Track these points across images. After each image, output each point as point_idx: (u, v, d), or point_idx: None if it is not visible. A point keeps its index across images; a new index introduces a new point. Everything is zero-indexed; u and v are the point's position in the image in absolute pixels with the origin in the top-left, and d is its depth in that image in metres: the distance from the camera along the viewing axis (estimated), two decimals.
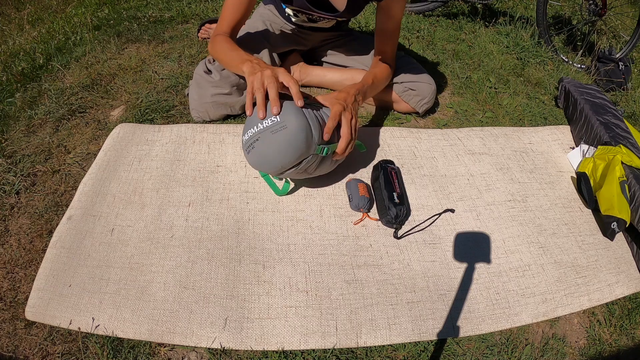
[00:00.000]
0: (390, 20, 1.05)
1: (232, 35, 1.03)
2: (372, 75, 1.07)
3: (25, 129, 1.15)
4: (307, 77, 1.28)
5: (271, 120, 0.81)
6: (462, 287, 0.86)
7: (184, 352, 0.74)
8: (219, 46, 0.98)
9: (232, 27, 1.02)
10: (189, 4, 1.86)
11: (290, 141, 0.80)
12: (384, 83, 1.13)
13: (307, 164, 0.86)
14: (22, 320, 0.77)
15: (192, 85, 1.11)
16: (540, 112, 1.36)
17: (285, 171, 0.86)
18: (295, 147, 0.81)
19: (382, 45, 1.10)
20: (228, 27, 1.02)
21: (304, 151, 0.82)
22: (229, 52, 0.95)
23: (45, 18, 1.98)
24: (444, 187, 1.04)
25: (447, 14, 2.04)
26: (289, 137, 0.80)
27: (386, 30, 1.07)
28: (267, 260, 0.85)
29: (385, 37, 1.09)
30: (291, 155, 0.82)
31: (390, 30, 1.07)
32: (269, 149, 0.81)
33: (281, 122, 0.80)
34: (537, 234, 0.98)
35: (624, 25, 2.34)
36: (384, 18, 1.05)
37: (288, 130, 0.79)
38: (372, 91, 1.07)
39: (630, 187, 0.98)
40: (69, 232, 0.88)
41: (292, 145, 0.80)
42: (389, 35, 1.09)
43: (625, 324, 0.87)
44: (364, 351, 0.76)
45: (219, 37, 0.99)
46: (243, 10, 1.01)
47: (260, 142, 0.82)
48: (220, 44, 0.98)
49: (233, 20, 1.02)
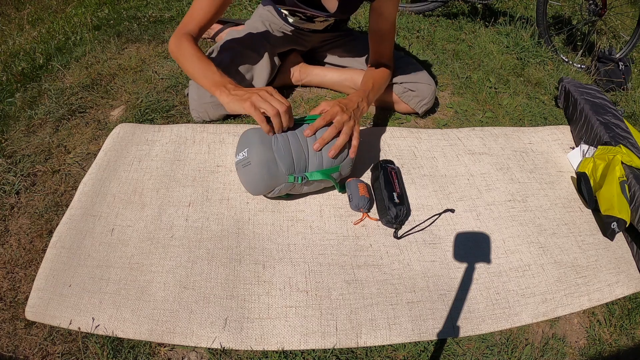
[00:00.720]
0: (384, 21, 1.04)
1: (198, 37, 0.95)
2: (372, 80, 1.06)
3: (25, 129, 1.14)
4: (307, 77, 1.28)
5: (242, 154, 0.86)
6: (462, 287, 0.86)
7: (184, 352, 0.74)
8: (184, 51, 0.90)
9: (200, 28, 0.94)
10: (189, 4, 1.86)
11: (255, 175, 0.85)
12: (384, 85, 1.12)
13: (286, 188, 0.89)
14: (22, 320, 0.77)
15: (191, 86, 1.11)
16: (540, 112, 1.36)
17: (270, 194, 0.91)
18: (260, 180, 0.86)
19: (378, 46, 1.09)
20: (196, 26, 0.93)
21: (272, 182, 0.86)
22: (197, 62, 0.88)
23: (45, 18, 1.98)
24: (444, 187, 1.04)
25: (447, 14, 2.04)
26: (254, 172, 0.85)
27: (381, 30, 1.06)
28: (267, 260, 0.85)
29: (380, 38, 1.08)
30: (260, 187, 0.88)
31: (385, 30, 1.06)
32: (243, 179, 0.89)
33: (247, 157, 0.85)
34: (537, 234, 0.98)
35: (624, 25, 2.34)
36: (378, 18, 1.04)
37: (252, 166, 0.84)
38: (374, 95, 1.06)
39: (630, 187, 0.98)
40: (69, 232, 0.88)
41: (257, 179, 0.85)
42: (384, 36, 1.07)
43: (625, 324, 0.87)
44: (364, 351, 0.76)
45: (185, 38, 0.91)
46: (216, 9, 0.93)
47: (238, 172, 0.90)
48: (186, 49, 0.89)
49: (204, 20, 0.93)
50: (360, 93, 0.99)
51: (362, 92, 1.00)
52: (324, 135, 0.86)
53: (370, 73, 1.09)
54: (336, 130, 0.87)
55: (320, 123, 0.86)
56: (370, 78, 1.07)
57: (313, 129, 0.86)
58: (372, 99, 1.04)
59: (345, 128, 0.88)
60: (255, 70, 1.12)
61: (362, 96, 0.98)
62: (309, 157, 0.87)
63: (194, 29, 0.94)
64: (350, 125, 0.89)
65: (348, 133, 0.88)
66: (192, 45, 0.91)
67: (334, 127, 0.87)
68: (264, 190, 0.89)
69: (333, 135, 0.87)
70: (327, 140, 0.87)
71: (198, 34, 0.95)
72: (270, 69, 1.14)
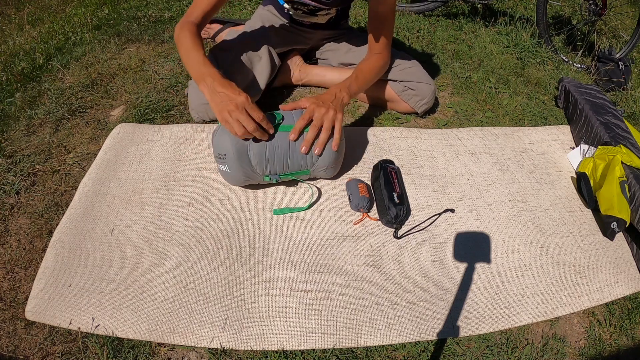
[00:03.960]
0: (382, 4, 1.02)
1: (201, 25, 0.98)
2: (357, 71, 1.05)
3: (25, 129, 1.15)
4: (307, 76, 1.28)
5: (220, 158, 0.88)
6: (462, 287, 0.86)
7: (184, 352, 0.74)
8: (182, 40, 0.92)
9: (203, 16, 0.97)
10: (188, 4, 1.86)
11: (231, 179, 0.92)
12: (374, 74, 1.09)
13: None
14: (22, 320, 0.77)
15: (191, 85, 1.11)
16: (540, 112, 1.36)
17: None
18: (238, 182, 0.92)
19: (375, 31, 1.07)
20: (200, 14, 0.96)
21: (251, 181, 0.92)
22: (189, 52, 0.90)
23: (45, 18, 1.98)
24: (444, 187, 1.04)
25: (447, 14, 2.04)
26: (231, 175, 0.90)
27: (379, 14, 1.04)
28: (267, 260, 0.85)
29: (378, 22, 1.06)
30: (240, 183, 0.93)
31: (383, 15, 1.04)
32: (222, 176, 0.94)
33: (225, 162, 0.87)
34: (537, 234, 0.97)
35: (624, 25, 2.33)
36: (376, 2, 1.03)
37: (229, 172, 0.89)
38: (358, 85, 1.04)
39: (630, 187, 0.98)
40: (69, 232, 0.88)
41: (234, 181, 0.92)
42: (382, 21, 1.05)
43: (625, 324, 0.87)
44: (364, 351, 0.76)
45: (186, 27, 0.94)
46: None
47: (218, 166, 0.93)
48: (184, 38, 0.92)
49: (208, 6, 0.97)
50: (340, 84, 0.99)
51: (341, 84, 1.00)
52: (306, 137, 0.88)
53: (359, 65, 1.08)
54: (317, 128, 0.88)
55: (302, 124, 0.88)
56: (356, 69, 1.06)
57: (297, 132, 0.87)
58: (356, 89, 1.03)
59: (325, 123, 0.89)
60: (256, 70, 1.12)
61: (340, 87, 0.98)
62: (298, 157, 0.89)
63: (198, 17, 0.97)
64: (329, 117, 0.89)
65: (329, 127, 0.89)
66: (190, 35, 0.92)
67: (314, 126, 0.88)
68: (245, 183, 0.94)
69: (315, 134, 0.89)
70: (312, 140, 0.88)
71: (202, 21, 0.98)
72: (270, 69, 1.14)
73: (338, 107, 0.93)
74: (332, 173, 0.97)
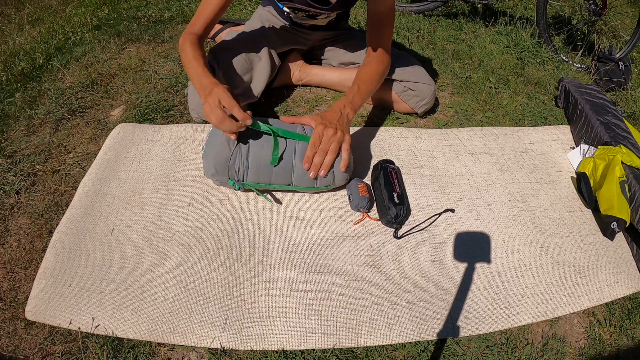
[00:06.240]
0: (380, 4, 1.01)
1: (204, 35, 1.00)
2: (357, 82, 1.04)
3: (25, 129, 1.15)
4: (307, 76, 1.28)
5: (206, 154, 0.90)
6: (462, 287, 0.86)
7: (184, 352, 0.74)
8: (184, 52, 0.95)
9: (206, 27, 1.00)
10: (189, 4, 1.86)
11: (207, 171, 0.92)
12: (376, 81, 1.08)
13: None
14: (22, 320, 0.77)
15: (191, 86, 1.11)
16: (540, 112, 1.36)
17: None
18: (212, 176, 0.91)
19: (375, 33, 1.06)
20: (203, 24, 0.99)
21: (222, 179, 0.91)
22: (191, 63, 0.92)
23: (45, 18, 1.98)
24: (444, 187, 1.04)
25: (447, 14, 2.04)
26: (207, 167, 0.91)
27: (378, 15, 1.03)
28: (267, 260, 0.85)
29: (377, 23, 1.04)
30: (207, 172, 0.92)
31: (382, 15, 1.02)
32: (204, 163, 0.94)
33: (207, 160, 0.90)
34: (537, 233, 0.98)
35: (624, 25, 2.34)
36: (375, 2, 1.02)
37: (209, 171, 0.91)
38: (361, 97, 1.03)
39: (630, 187, 0.98)
40: (69, 232, 0.88)
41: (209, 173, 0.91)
42: (381, 22, 1.04)
43: (625, 324, 0.87)
44: (364, 351, 0.76)
45: (188, 39, 0.96)
46: (220, 8, 0.98)
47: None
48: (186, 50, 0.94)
49: (210, 17, 0.99)
50: (343, 99, 0.99)
51: (344, 99, 0.99)
52: (314, 162, 0.90)
53: (358, 73, 1.06)
54: (324, 153, 0.90)
55: (311, 153, 0.89)
56: (357, 80, 1.04)
57: (309, 161, 0.90)
58: (360, 102, 1.02)
59: (333, 145, 0.90)
60: (256, 71, 1.12)
61: (344, 102, 0.98)
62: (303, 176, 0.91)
63: (200, 28, 0.99)
64: (337, 138, 0.91)
65: (336, 149, 0.91)
66: (191, 46, 0.94)
67: (322, 151, 0.90)
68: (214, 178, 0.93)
69: (322, 159, 0.90)
70: (319, 165, 0.90)
71: (204, 32, 1.00)
72: (270, 69, 1.14)
73: (345, 127, 0.94)
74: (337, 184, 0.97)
